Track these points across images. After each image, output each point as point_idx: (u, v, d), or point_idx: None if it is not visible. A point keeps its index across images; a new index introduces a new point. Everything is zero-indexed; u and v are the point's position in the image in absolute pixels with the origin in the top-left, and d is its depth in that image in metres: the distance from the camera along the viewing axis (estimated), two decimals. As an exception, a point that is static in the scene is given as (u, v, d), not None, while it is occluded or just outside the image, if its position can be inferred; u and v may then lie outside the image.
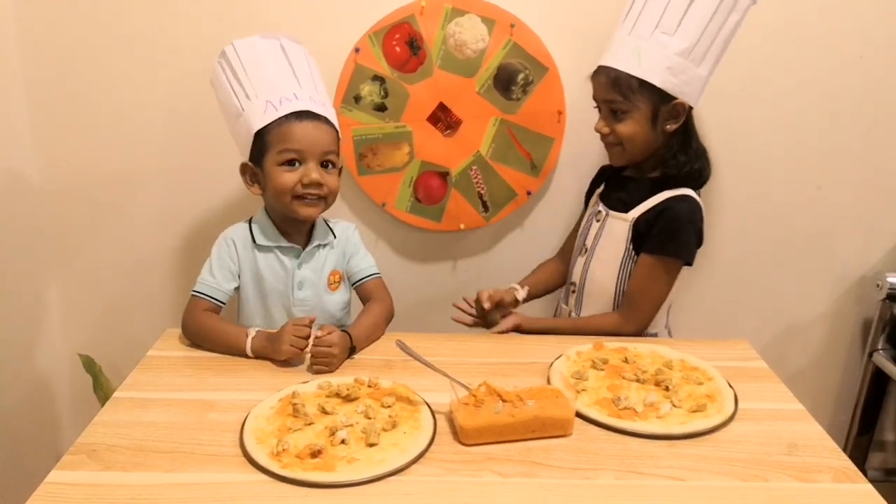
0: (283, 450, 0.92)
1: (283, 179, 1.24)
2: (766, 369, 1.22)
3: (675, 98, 1.28)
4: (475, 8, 1.54)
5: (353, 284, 1.40)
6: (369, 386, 1.09)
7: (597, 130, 1.36)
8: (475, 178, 1.66)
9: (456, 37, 1.55)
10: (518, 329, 1.40)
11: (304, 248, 1.32)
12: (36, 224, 1.67)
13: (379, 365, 1.19)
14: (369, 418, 1.00)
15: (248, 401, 1.04)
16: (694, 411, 1.04)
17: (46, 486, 0.87)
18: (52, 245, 1.71)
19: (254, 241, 1.30)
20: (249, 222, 1.33)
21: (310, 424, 0.98)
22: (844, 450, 1.03)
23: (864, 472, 0.97)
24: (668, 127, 1.31)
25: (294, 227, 1.32)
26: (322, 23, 1.56)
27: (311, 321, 1.21)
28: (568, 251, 1.54)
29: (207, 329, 1.24)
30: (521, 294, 1.47)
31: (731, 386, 1.11)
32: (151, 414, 1.03)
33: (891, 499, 0.91)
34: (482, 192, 1.67)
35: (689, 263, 1.34)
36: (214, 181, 1.66)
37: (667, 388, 1.09)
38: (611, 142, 1.35)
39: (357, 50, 1.55)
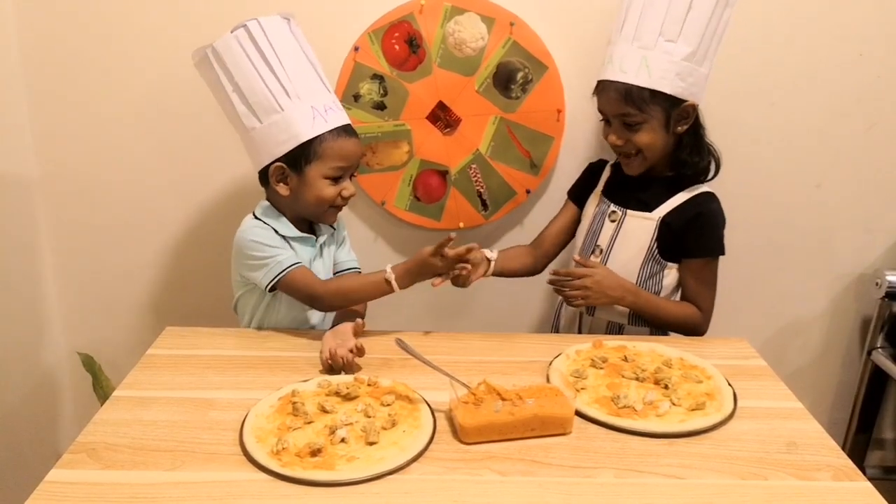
0: (283, 448, 0.92)
1: (328, 192, 1.27)
2: (766, 367, 1.23)
3: (684, 100, 1.29)
4: (474, 6, 1.54)
5: (334, 273, 1.42)
6: (369, 384, 1.09)
7: (610, 143, 1.36)
8: (474, 176, 1.66)
9: (455, 35, 1.55)
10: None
11: (316, 240, 1.35)
12: (36, 224, 1.67)
13: (378, 363, 1.19)
14: (369, 417, 1.00)
15: (247, 399, 1.04)
16: (693, 409, 1.04)
17: (46, 485, 0.87)
18: (52, 245, 1.71)
19: (276, 232, 1.30)
20: (255, 218, 1.32)
21: (309, 423, 0.98)
22: (843, 448, 1.03)
23: (863, 471, 0.97)
24: (679, 128, 1.33)
25: (303, 222, 1.34)
26: (321, 21, 1.55)
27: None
28: (545, 244, 1.53)
29: (346, 289, 1.30)
30: (492, 255, 1.40)
31: (730, 384, 1.11)
32: (151, 413, 1.03)
33: (890, 497, 0.91)
34: (481, 190, 1.67)
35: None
36: (215, 181, 1.66)
37: (666, 387, 1.09)
38: (627, 151, 1.35)
39: (356, 48, 1.55)
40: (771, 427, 1.03)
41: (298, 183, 1.27)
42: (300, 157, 1.25)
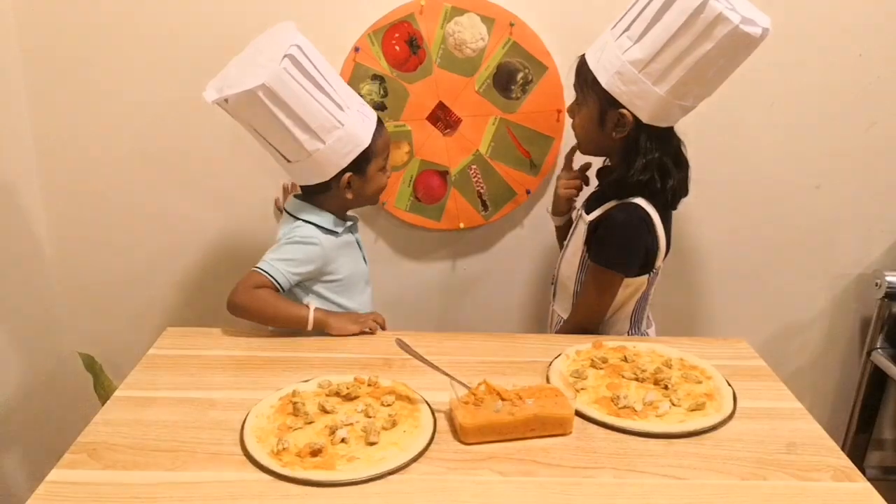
0: (284, 448, 0.92)
1: (384, 181, 1.36)
2: (765, 368, 1.23)
3: (622, 106, 1.25)
4: (475, 7, 1.54)
5: None
6: (369, 385, 1.09)
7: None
8: (475, 177, 1.66)
9: (455, 36, 1.55)
10: None
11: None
12: (37, 224, 1.67)
13: (379, 363, 1.19)
14: (369, 417, 1.00)
15: (248, 399, 1.05)
16: (693, 410, 1.05)
17: (47, 485, 0.87)
18: (54, 245, 1.71)
19: (335, 234, 1.33)
20: (313, 224, 1.32)
21: (310, 423, 0.99)
22: (843, 448, 1.03)
23: (863, 471, 0.98)
24: (615, 134, 1.28)
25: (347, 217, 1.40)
26: (321, 22, 1.56)
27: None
28: None
29: (263, 300, 1.26)
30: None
31: (729, 384, 1.11)
32: (152, 413, 1.03)
33: (889, 497, 0.91)
34: (482, 191, 1.67)
35: (627, 274, 1.31)
36: (216, 182, 1.66)
37: (666, 387, 1.10)
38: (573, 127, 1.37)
39: (356, 49, 1.55)
40: (770, 427, 1.03)
41: (362, 183, 1.32)
42: (363, 160, 1.29)
